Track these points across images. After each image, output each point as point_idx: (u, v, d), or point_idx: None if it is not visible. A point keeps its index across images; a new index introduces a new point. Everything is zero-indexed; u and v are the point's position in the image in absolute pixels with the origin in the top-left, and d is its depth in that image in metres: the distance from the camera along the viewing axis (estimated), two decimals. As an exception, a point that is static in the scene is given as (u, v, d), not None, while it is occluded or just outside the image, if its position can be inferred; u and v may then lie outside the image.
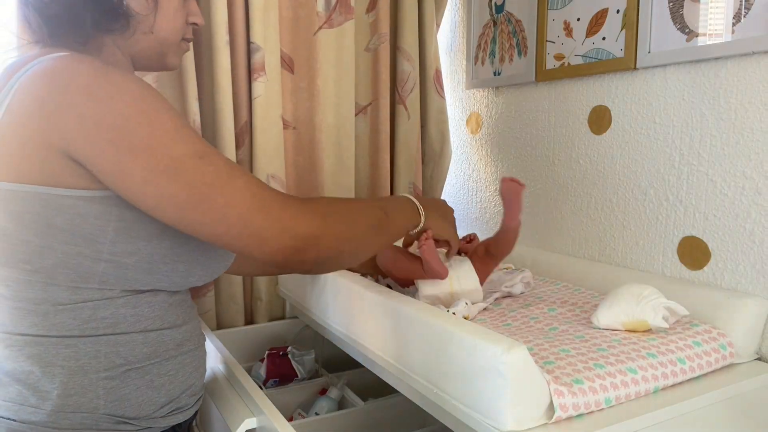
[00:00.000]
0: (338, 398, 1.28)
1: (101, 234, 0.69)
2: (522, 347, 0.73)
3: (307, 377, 1.37)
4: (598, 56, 1.24)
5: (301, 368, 1.35)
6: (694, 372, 0.88)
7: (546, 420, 0.75)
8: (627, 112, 1.21)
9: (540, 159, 1.44)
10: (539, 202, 1.44)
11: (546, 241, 1.43)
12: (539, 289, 1.22)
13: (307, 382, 1.36)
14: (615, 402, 0.79)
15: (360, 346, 1.07)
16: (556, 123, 1.38)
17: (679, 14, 1.08)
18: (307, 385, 1.35)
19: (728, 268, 1.04)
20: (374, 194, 1.65)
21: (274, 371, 1.32)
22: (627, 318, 0.93)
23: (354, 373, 1.39)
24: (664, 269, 1.15)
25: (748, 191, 1.01)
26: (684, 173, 1.11)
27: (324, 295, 1.21)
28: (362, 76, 1.62)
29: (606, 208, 1.27)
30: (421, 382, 0.88)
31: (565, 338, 0.92)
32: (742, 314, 0.95)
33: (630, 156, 1.21)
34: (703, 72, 1.06)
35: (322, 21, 1.51)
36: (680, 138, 1.11)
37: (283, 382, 1.34)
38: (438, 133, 1.71)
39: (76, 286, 0.70)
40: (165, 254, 0.74)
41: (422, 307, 0.91)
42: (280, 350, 1.36)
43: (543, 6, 1.37)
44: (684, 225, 1.11)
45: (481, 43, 1.59)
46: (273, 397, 1.27)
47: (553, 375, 0.78)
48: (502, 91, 1.55)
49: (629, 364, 0.82)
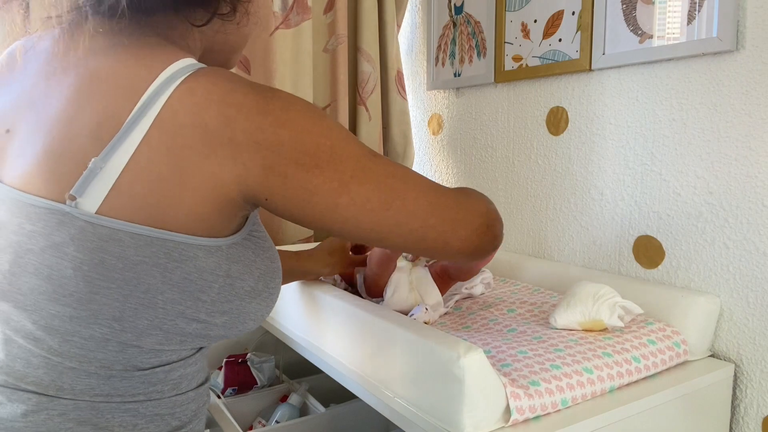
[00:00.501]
0: (299, 405, 1.26)
1: (207, 291, 0.58)
2: (478, 351, 0.72)
3: (267, 384, 1.35)
4: (554, 58, 1.25)
5: (260, 375, 1.32)
6: (649, 370, 0.89)
7: (503, 423, 0.74)
8: (583, 113, 1.22)
9: (500, 160, 1.44)
10: (499, 203, 1.45)
11: (506, 242, 1.43)
12: (499, 289, 1.22)
13: (267, 390, 1.34)
14: (572, 403, 0.79)
15: (319, 351, 1.05)
16: (515, 124, 1.39)
17: (632, 16, 1.09)
18: (268, 392, 1.33)
19: (682, 267, 1.06)
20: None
21: (232, 379, 1.29)
22: (583, 318, 0.93)
23: (316, 378, 1.37)
24: (620, 268, 1.16)
25: (700, 191, 1.02)
26: (638, 173, 1.12)
27: (283, 300, 1.18)
28: (321, 77, 1.60)
29: (564, 208, 1.28)
30: (379, 387, 0.87)
31: (523, 339, 0.92)
32: (695, 312, 0.97)
33: (587, 156, 1.22)
34: (656, 73, 1.08)
35: (278, 21, 1.48)
36: (634, 138, 1.12)
37: (242, 390, 1.31)
38: (400, 134, 1.70)
39: (159, 348, 0.59)
40: (253, 312, 0.65)
41: (381, 311, 0.90)
42: (239, 357, 1.33)
43: (501, 7, 1.38)
44: (639, 224, 1.13)
45: (441, 44, 1.59)
46: (232, 406, 1.24)
47: (509, 378, 0.77)
48: (463, 92, 1.55)
49: (585, 364, 0.83)
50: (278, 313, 1.22)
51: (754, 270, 0.96)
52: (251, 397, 1.30)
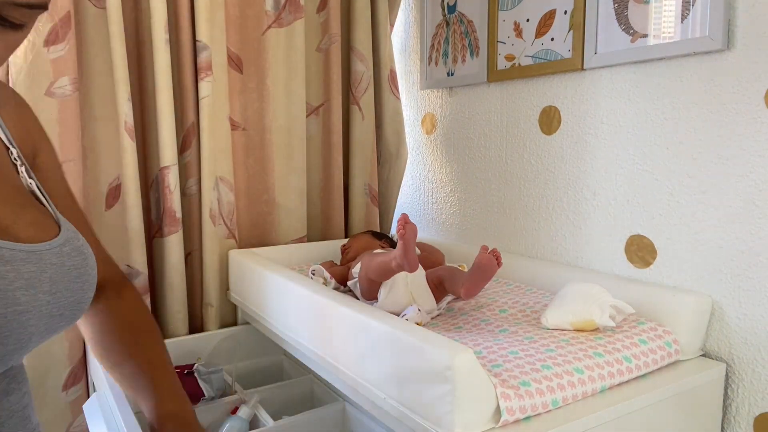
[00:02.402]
0: (249, 418, 1.17)
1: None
2: (468, 352, 0.72)
3: (216, 396, 1.26)
4: (547, 57, 1.25)
5: (208, 387, 1.23)
6: (641, 370, 0.89)
7: (493, 424, 0.74)
8: (576, 113, 1.22)
9: (493, 159, 1.44)
10: (492, 203, 1.44)
11: (499, 241, 1.43)
12: (492, 289, 1.22)
13: (217, 401, 1.24)
14: (562, 403, 0.79)
15: (309, 351, 1.04)
16: (508, 123, 1.39)
17: (624, 15, 1.09)
18: (217, 404, 1.23)
19: (674, 266, 1.06)
20: (327, 195, 1.63)
21: None
22: (575, 318, 0.93)
23: (269, 389, 1.29)
24: (612, 268, 1.16)
25: (692, 190, 1.02)
26: (631, 173, 1.12)
27: (272, 299, 1.18)
28: (314, 77, 1.60)
29: (557, 208, 1.27)
30: (370, 388, 0.87)
31: (515, 340, 0.92)
32: (687, 312, 0.97)
33: (579, 156, 1.22)
34: (648, 72, 1.08)
35: (271, 20, 1.48)
36: (627, 138, 1.12)
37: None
38: (394, 134, 1.70)
39: None
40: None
41: (372, 312, 0.89)
42: (185, 368, 1.25)
43: (494, 6, 1.37)
44: (631, 224, 1.12)
45: (434, 43, 1.58)
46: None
47: (500, 378, 0.77)
48: (456, 91, 1.54)
49: (576, 364, 0.82)
50: (267, 313, 1.21)
51: (746, 270, 0.95)
52: (199, 410, 1.18)
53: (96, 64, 1.30)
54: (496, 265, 0.96)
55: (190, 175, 1.42)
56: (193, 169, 1.42)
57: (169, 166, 1.34)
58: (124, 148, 1.30)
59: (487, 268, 0.96)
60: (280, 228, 1.55)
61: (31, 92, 1.21)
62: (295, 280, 1.11)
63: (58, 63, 1.23)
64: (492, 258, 0.95)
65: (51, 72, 1.23)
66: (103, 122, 1.31)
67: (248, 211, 1.53)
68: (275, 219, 1.54)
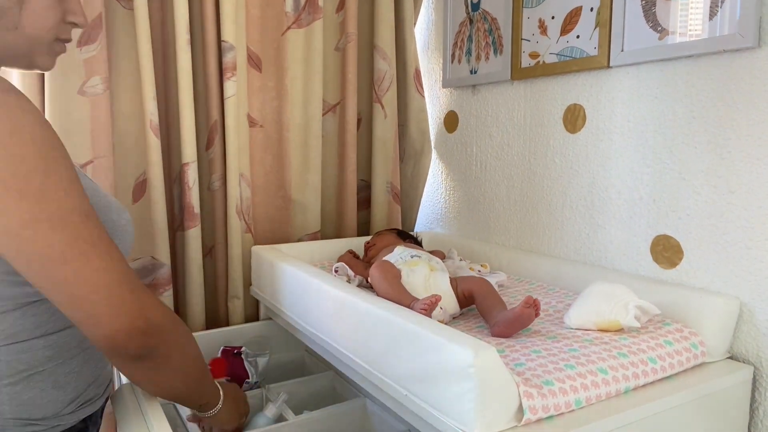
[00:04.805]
0: (275, 417, 1.18)
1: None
2: (491, 350, 0.72)
3: (259, 380, 1.29)
4: (572, 54, 1.24)
5: (253, 370, 1.28)
6: (666, 372, 0.87)
7: (515, 422, 0.74)
8: (601, 111, 1.21)
9: (516, 158, 1.43)
10: (515, 202, 1.44)
11: (522, 241, 1.42)
12: (514, 288, 1.21)
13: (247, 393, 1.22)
14: (585, 403, 0.79)
15: (331, 347, 1.05)
16: (531, 122, 1.38)
17: (651, 12, 1.08)
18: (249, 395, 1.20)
19: (701, 267, 1.04)
20: (341, 192, 1.64)
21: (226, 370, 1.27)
22: (599, 318, 0.92)
23: (290, 384, 1.31)
24: (638, 268, 1.15)
25: (720, 190, 1.01)
26: (657, 172, 1.10)
27: (294, 294, 1.19)
28: (332, 75, 1.61)
29: (581, 207, 1.26)
30: (392, 385, 0.87)
31: (537, 339, 0.91)
32: (714, 313, 0.95)
33: (604, 154, 1.20)
34: (676, 70, 1.06)
35: (290, 21, 1.49)
36: (653, 136, 1.11)
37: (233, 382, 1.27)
38: (418, 131, 1.70)
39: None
40: None
41: (394, 309, 0.90)
42: (234, 349, 1.30)
43: (518, 4, 1.37)
44: (657, 224, 1.11)
45: (457, 41, 1.58)
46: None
47: (523, 377, 0.76)
48: (479, 89, 1.54)
49: (600, 364, 0.82)
50: (289, 308, 1.22)
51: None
52: None
53: (123, 63, 1.33)
54: (533, 317, 0.94)
55: (213, 171, 1.45)
56: (216, 166, 1.44)
57: (188, 163, 1.37)
58: (149, 145, 1.33)
59: (525, 320, 0.94)
60: (295, 223, 1.57)
61: (65, 91, 1.25)
62: (319, 276, 1.11)
63: (90, 63, 1.27)
64: (532, 312, 0.93)
65: (83, 72, 1.26)
66: (131, 120, 1.36)
67: (265, 207, 1.55)
68: (290, 215, 1.56)
